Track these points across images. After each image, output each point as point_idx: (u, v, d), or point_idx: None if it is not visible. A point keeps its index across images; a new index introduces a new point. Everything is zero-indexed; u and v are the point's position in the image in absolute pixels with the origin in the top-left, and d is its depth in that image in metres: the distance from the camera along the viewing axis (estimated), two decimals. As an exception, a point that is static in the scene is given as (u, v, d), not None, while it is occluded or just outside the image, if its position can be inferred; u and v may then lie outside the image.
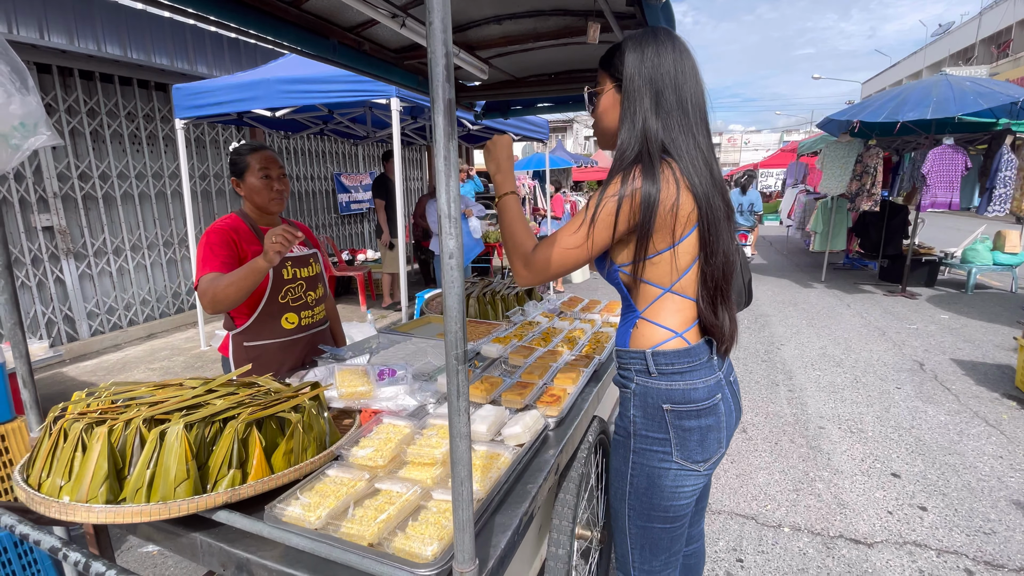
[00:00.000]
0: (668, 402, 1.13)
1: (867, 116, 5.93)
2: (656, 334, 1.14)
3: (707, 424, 1.15)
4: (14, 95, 1.20)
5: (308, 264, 2.00)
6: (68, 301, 5.04)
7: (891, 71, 34.63)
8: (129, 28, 5.10)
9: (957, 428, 3.34)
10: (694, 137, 1.10)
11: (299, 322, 1.96)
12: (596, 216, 1.07)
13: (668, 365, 1.13)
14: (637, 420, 1.17)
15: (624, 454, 1.20)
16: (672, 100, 1.09)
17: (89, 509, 0.96)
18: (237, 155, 1.90)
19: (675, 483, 1.16)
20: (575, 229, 1.10)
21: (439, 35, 0.64)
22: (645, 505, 1.18)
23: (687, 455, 1.14)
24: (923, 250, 7.61)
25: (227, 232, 1.80)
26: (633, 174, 1.05)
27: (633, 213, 1.05)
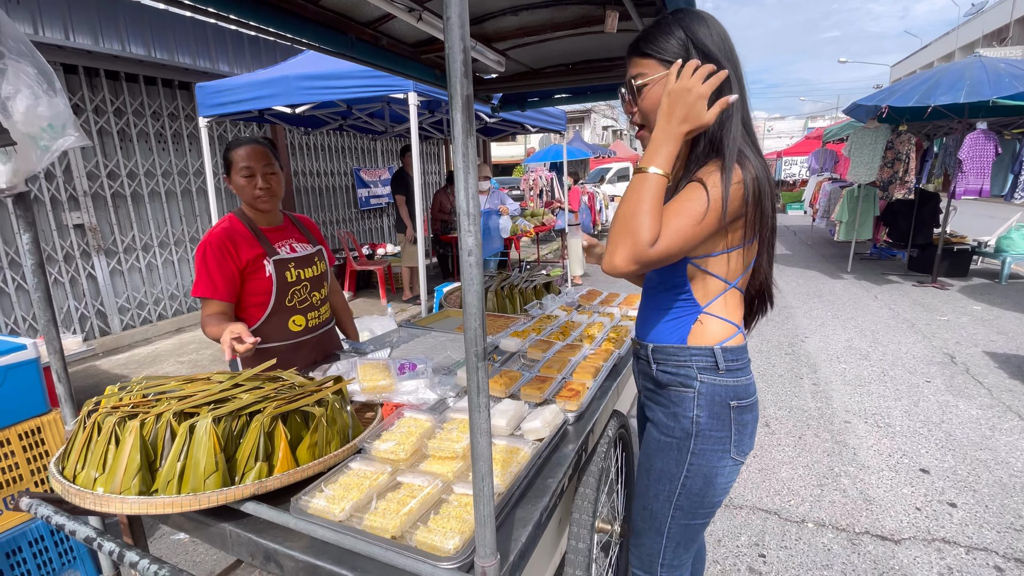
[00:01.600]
0: (735, 398, 1.12)
1: (896, 101, 5.74)
2: (723, 329, 1.12)
3: (756, 416, 1.17)
4: (41, 97, 1.24)
5: (312, 264, 1.94)
6: (100, 296, 5.20)
7: (921, 53, 33.40)
8: (152, 28, 5.20)
9: (989, 423, 3.24)
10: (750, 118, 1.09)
11: (306, 324, 1.92)
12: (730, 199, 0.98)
13: (734, 361, 1.12)
14: (701, 420, 1.12)
15: (677, 456, 1.15)
16: (741, 76, 1.05)
17: (123, 500, 0.99)
18: (227, 151, 1.83)
19: (728, 479, 1.16)
20: (703, 206, 0.98)
21: (456, 29, 0.63)
22: (695, 504, 1.17)
23: (742, 449, 1.15)
24: (955, 239, 7.37)
25: (223, 241, 1.73)
26: (744, 161, 1.01)
27: (756, 201, 1.03)
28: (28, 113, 1.21)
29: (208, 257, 1.70)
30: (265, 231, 1.86)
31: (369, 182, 8.82)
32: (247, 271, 1.77)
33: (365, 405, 1.52)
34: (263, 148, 1.83)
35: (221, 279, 1.70)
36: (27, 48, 1.22)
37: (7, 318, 4.52)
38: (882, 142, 6.78)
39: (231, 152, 1.81)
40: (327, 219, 8.19)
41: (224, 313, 1.73)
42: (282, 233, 1.92)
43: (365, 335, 5.04)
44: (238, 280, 1.75)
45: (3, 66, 1.18)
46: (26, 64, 1.21)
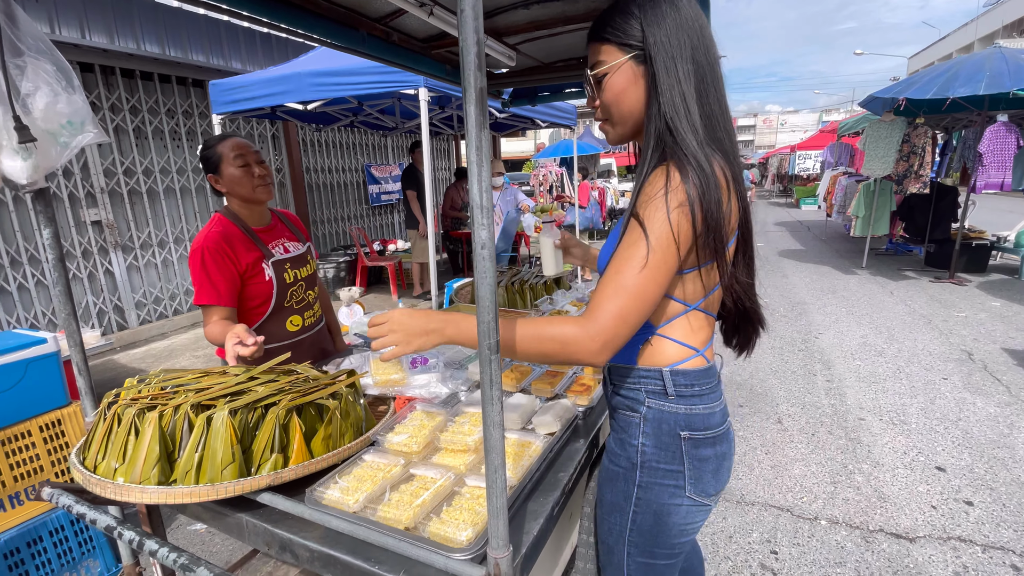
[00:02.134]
0: (687, 428, 0.98)
1: (914, 93, 5.64)
2: (675, 351, 0.99)
3: (722, 452, 1.02)
4: (60, 94, 1.25)
5: (306, 263, 1.92)
6: (117, 292, 5.29)
7: (940, 44, 32.72)
8: (167, 26, 5.25)
9: (1007, 421, 3.19)
10: (725, 110, 0.93)
11: (303, 323, 1.90)
12: (677, 237, 0.84)
13: (688, 387, 0.98)
14: (647, 449, 1.00)
15: (624, 488, 1.04)
16: (704, 63, 0.89)
17: (143, 490, 1.01)
18: (207, 149, 1.76)
19: (685, 520, 1.02)
20: (643, 263, 0.85)
21: (470, 23, 0.63)
22: (648, 543, 1.04)
23: (701, 488, 1.00)
24: (973, 234, 7.23)
25: (220, 245, 1.67)
26: (690, 170, 0.85)
27: (705, 223, 0.86)
28: (47, 110, 1.23)
29: (208, 263, 1.64)
30: (257, 231, 1.81)
31: (380, 178, 8.85)
32: (247, 275, 1.72)
33: (378, 399, 1.54)
34: (245, 140, 1.79)
35: (224, 284, 1.65)
36: (46, 46, 1.23)
37: (27, 313, 4.62)
38: (898, 135, 6.67)
39: (215, 147, 1.73)
40: (338, 215, 8.24)
41: (228, 319, 1.67)
42: (273, 232, 1.87)
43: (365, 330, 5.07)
44: (239, 284, 1.71)
45: (22, 63, 1.20)
46: (45, 62, 1.23)
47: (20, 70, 1.19)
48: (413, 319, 0.97)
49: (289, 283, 1.81)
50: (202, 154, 1.78)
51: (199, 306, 1.67)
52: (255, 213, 1.83)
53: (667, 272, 0.86)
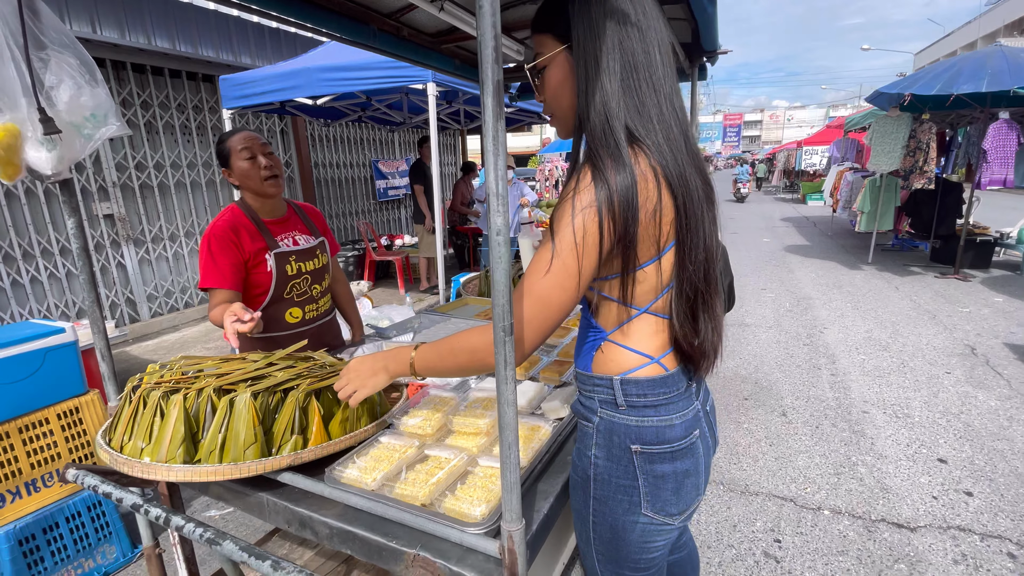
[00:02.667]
0: (638, 442, 0.92)
1: (919, 89, 5.62)
2: (627, 359, 0.93)
3: (683, 468, 0.94)
4: (84, 87, 1.29)
5: (314, 256, 1.91)
6: (129, 285, 5.36)
7: (944, 41, 32.38)
8: (177, 21, 5.29)
9: (1008, 414, 3.21)
10: (668, 99, 0.85)
11: (303, 316, 1.90)
12: (582, 241, 0.80)
13: (640, 396, 0.92)
14: (599, 462, 0.95)
15: (583, 499, 0.99)
16: (638, 51, 0.83)
17: (169, 468, 1.06)
18: (219, 144, 1.81)
19: (643, 538, 0.96)
20: (546, 268, 0.81)
21: (488, 18, 0.66)
22: (612, 553, 1.00)
23: (659, 507, 0.94)
24: (977, 230, 7.21)
25: (227, 232, 1.72)
26: (603, 171, 0.80)
27: (614, 224, 0.81)
28: (71, 103, 1.27)
29: (214, 248, 1.69)
30: (268, 223, 1.84)
31: (387, 173, 8.89)
32: (250, 264, 1.76)
33: (391, 385, 1.58)
34: (254, 133, 1.82)
35: (228, 267, 1.69)
36: (69, 39, 1.27)
37: (40, 305, 4.69)
38: (904, 131, 6.64)
39: (225, 142, 1.79)
40: (346, 210, 8.29)
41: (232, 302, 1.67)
42: (285, 225, 1.90)
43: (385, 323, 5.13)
44: (244, 271, 1.74)
45: (46, 57, 1.24)
46: (68, 55, 1.27)
47: (44, 63, 1.23)
48: (363, 364, 1.08)
49: (291, 275, 1.82)
50: (216, 149, 1.84)
51: (204, 290, 1.71)
52: (267, 205, 1.85)
53: (575, 276, 0.82)
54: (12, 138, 1.16)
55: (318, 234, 1.99)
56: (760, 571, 2.09)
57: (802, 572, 2.07)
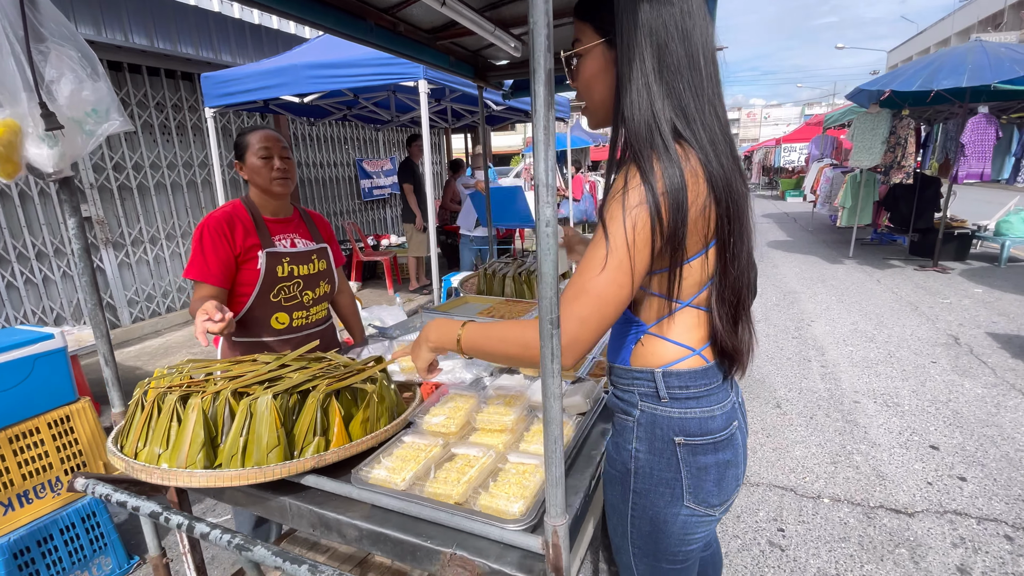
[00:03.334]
0: (681, 434, 0.93)
1: (899, 85, 5.77)
2: (668, 351, 0.93)
3: (725, 459, 0.95)
4: (85, 81, 1.25)
5: (310, 261, 1.84)
6: (109, 289, 5.20)
7: (918, 39, 33.34)
8: (155, 18, 5.15)
9: (994, 400, 3.31)
10: (710, 102, 0.85)
11: (290, 322, 1.81)
12: (634, 240, 0.80)
13: (682, 388, 0.93)
14: (640, 455, 0.95)
15: (622, 492, 1.00)
16: (681, 54, 0.83)
17: (191, 474, 1.02)
18: (240, 136, 1.80)
19: (684, 531, 0.96)
20: (601, 265, 0.81)
21: (540, 5, 0.65)
22: (650, 547, 1.00)
23: (702, 498, 0.94)
24: (955, 223, 7.43)
25: (221, 224, 1.68)
26: (652, 168, 0.80)
27: (663, 221, 0.81)
28: (72, 97, 1.22)
29: (204, 239, 1.65)
30: (268, 221, 1.79)
31: (372, 172, 8.80)
32: (241, 259, 1.71)
33: (402, 385, 1.56)
34: (277, 134, 1.82)
35: (216, 262, 1.64)
36: (69, 31, 1.22)
37: (16, 312, 4.53)
38: (884, 127, 6.81)
39: (246, 136, 1.78)
40: (331, 210, 8.18)
41: (215, 298, 1.63)
42: (286, 226, 1.85)
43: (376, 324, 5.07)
44: (233, 266, 1.69)
45: (46, 49, 1.19)
46: (69, 48, 1.22)
47: (44, 56, 1.18)
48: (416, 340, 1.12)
49: (281, 277, 1.76)
50: (236, 140, 1.82)
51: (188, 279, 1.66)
52: (272, 204, 1.82)
53: (629, 274, 0.82)
54: (12, 135, 1.11)
55: (321, 241, 1.93)
56: (766, 560, 2.12)
57: (807, 560, 2.10)
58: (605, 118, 0.96)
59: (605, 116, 0.96)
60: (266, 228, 1.77)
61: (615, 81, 0.88)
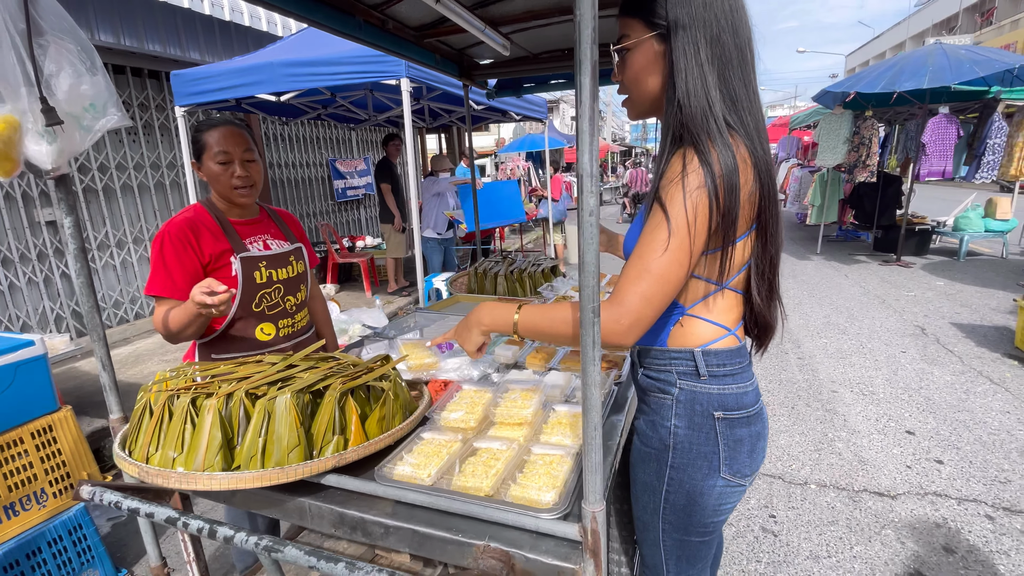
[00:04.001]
0: (720, 408, 0.98)
1: (864, 87, 6.01)
2: (706, 331, 0.98)
3: (756, 431, 1.02)
4: (84, 75, 1.20)
5: (288, 263, 1.69)
6: (75, 296, 4.98)
7: (874, 43, 34.78)
8: (121, 14, 4.97)
9: (963, 387, 3.48)
10: (755, 93, 0.92)
11: (276, 332, 1.67)
12: (695, 220, 0.84)
13: (720, 366, 0.98)
14: (679, 431, 1.00)
15: (657, 468, 1.04)
16: (731, 46, 0.87)
17: (211, 477, 1.00)
18: (196, 132, 1.58)
19: (719, 501, 1.02)
20: (664, 246, 0.85)
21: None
22: (683, 521, 1.04)
23: (737, 469, 1.00)
24: (916, 220, 7.78)
25: (183, 232, 1.52)
26: (707, 154, 0.84)
27: (719, 203, 0.85)
28: (71, 92, 1.18)
29: (166, 250, 1.49)
30: (236, 224, 1.63)
31: (345, 173, 8.67)
32: (210, 268, 1.55)
33: (409, 383, 1.54)
34: (240, 131, 1.59)
35: (180, 275, 1.50)
36: (68, 24, 1.18)
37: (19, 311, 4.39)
38: (847, 128, 7.08)
39: (202, 134, 1.56)
40: (303, 212, 8.02)
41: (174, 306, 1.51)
42: (256, 227, 1.69)
43: (356, 327, 4.99)
44: (201, 277, 1.52)
45: (45, 43, 1.15)
46: (68, 41, 1.18)
47: (43, 50, 1.14)
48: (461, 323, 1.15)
49: (260, 283, 1.60)
50: (192, 136, 1.62)
51: (150, 296, 1.51)
52: (236, 210, 1.66)
53: (689, 254, 0.86)
54: (12, 131, 1.06)
55: (294, 240, 1.78)
56: (760, 546, 2.18)
57: (799, 544, 2.17)
58: (650, 109, 1.00)
59: (651, 107, 0.99)
60: (235, 231, 1.61)
61: (666, 73, 0.91)
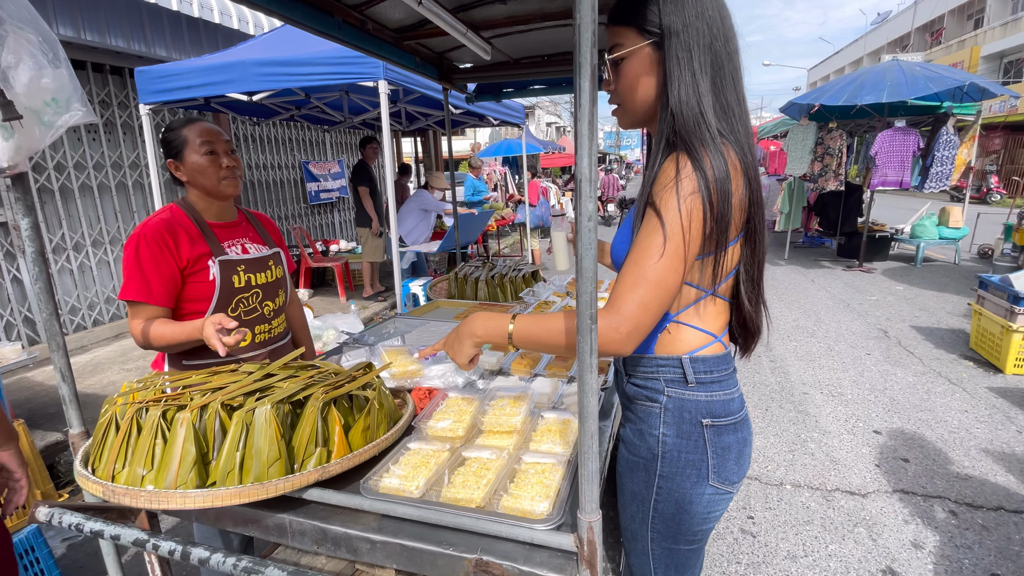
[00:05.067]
0: (708, 416, 0.97)
1: (828, 100, 6.23)
2: (694, 338, 0.98)
3: (743, 438, 1.01)
4: (46, 67, 1.13)
5: (266, 268, 1.67)
6: (27, 302, 4.73)
7: (834, 58, 36.23)
8: (82, 7, 4.76)
9: (925, 388, 3.62)
10: (744, 100, 0.93)
11: (253, 339, 1.64)
12: (689, 226, 0.84)
13: (707, 373, 0.97)
14: (667, 439, 0.98)
15: (646, 478, 1.02)
16: (723, 54, 0.89)
17: (185, 495, 0.94)
18: (170, 132, 1.55)
19: (708, 508, 1.01)
20: (660, 252, 0.84)
21: (587, 2, 0.66)
22: (671, 530, 1.03)
23: (725, 476, 0.99)
24: (876, 227, 8.09)
25: (160, 234, 1.47)
26: (700, 160, 0.85)
27: (712, 209, 0.85)
28: (31, 85, 1.10)
29: (142, 253, 1.44)
30: (214, 226, 1.60)
31: (318, 175, 8.50)
32: (187, 271, 1.51)
33: (392, 391, 1.50)
34: (216, 127, 1.60)
35: (157, 280, 1.45)
36: (29, 14, 1.11)
37: None
38: (812, 138, 7.33)
39: (180, 131, 1.54)
40: (275, 214, 7.82)
41: (156, 319, 1.48)
42: (234, 230, 1.66)
43: (331, 333, 4.87)
44: (178, 281, 1.50)
45: (3, 32, 1.07)
46: (28, 31, 1.10)
47: (1, 40, 1.06)
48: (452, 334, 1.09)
49: (239, 288, 1.57)
50: (164, 137, 1.57)
51: (125, 301, 1.46)
52: (215, 207, 1.62)
53: (684, 259, 0.86)
54: (-36, 123, 0.99)
55: (273, 244, 1.75)
56: (740, 547, 2.20)
57: (777, 544, 2.21)
58: (644, 117, 0.99)
59: (645, 115, 0.98)
60: (213, 234, 1.58)
61: (660, 81, 0.92)
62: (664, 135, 0.91)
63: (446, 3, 2.18)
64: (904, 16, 26.79)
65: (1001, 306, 3.74)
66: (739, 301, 1.00)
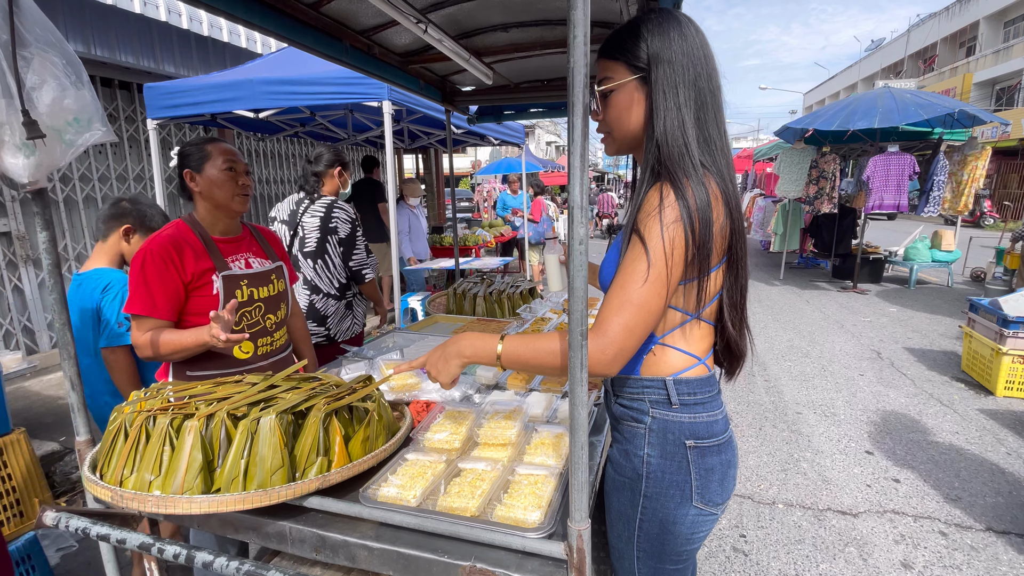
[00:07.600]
0: (692, 437, 0.99)
1: (821, 125, 6.37)
2: (678, 360, 1.01)
3: (727, 459, 1.03)
4: (68, 89, 1.19)
5: (269, 282, 1.71)
6: (27, 311, 4.75)
7: (829, 83, 36.86)
8: (93, 23, 4.88)
9: (916, 409, 3.65)
10: (725, 134, 0.98)
11: (255, 351, 1.68)
12: (672, 252, 0.88)
13: (690, 395, 1.00)
14: (652, 460, 1.00)
15: (631, 498, 1.04)
16: (707, 90, 0.94)
17: (191, 500, 0.98)
18: (192, 145, 1.63)
19: (692, 529, 1.02)
20: (644, 277, 0.88)
21: (580, 47, 0.72)
22: (657, 549, 1.05)
23: (708, 498, 1.01)
24: (870, 249, 8.19)
25: (166, 249, 1.51)
26: (683, 189, 0.89)
27: (694, 236, 0.89)
28: (54, 105, 1.16)
29: (148, 267, 1.49)
30: (219, 242, 1.65)
31: (320, 191, 8.58)
32: (192, 286, 1.56)
33: (391, 403, 1.54)
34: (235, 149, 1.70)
35: (162, 293, 1.49)
36: (55, 37, 1.18)
37: None
38: (807, 161, 7.47)
39: (204, 146, 1.62)
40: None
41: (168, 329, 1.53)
42: (239, 245, 1.72)
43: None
44: (182, 296, 1.55)
45: (29, 55, 1.14)
46: (53, 54, 1.17)
47: (26, 62, 1.13)
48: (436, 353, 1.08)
49: (242, 301, 1.62)
50: (184, 149, 1.64)
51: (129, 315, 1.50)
52: (222, 222, 1.67)
53: (667, 284, 0.89)
54: (-12, 142, 1.04)
55: (276, 259, 1.80)
56: (732, 565, 2.22)
57: (768, 563, 2.22)
58: (630, 145, 1.04)
59: (631, 143, 1.03)
60: (217, 249, 1.63)
61: (646, 113, 0.97)
62: (649, 164, 0.96)
63: (450, 30, 2.27)
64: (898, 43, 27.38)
65: (991, 329, 3.80)
66: (723, 325, 1.03)
